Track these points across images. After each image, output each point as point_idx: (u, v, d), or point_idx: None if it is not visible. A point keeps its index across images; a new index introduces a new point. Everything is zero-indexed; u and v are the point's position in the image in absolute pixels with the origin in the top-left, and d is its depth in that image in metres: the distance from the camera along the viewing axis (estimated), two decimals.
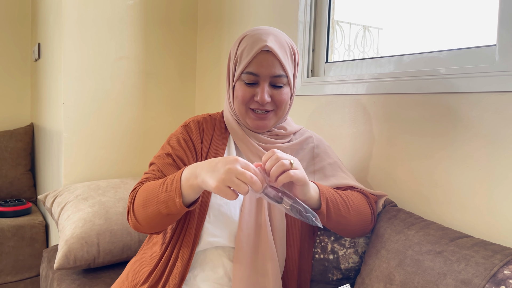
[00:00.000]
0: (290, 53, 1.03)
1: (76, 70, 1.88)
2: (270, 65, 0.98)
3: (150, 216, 0.92)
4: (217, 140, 1.07)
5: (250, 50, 0.99)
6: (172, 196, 0.87)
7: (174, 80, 2.17)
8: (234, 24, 1.92)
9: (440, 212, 1.07)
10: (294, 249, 1.03)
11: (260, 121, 1.03)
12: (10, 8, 2.69)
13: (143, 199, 0.94)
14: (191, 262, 0.98)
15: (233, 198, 0.80)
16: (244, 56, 1.00)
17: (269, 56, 0.98)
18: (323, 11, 1.51)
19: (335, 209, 0.95)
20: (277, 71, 0.99)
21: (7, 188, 2.49)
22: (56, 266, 1.41)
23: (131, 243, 1.54)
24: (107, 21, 1.94)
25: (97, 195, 1.65)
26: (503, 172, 0.94)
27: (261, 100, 0.99)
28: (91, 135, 1.94)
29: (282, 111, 1.05)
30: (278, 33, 1.02)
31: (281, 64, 0.99)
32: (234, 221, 0.99)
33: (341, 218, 0.97)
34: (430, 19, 1.27)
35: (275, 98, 1.01)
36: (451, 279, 0.81)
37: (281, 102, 1.02)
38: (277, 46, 0.99)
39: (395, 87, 1.18)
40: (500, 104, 0.94)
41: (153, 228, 0.97)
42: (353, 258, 1.08)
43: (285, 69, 1.00)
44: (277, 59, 0.99)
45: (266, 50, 0.98)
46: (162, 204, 0.89)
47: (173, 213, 0.90)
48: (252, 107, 1.02)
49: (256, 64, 0.99)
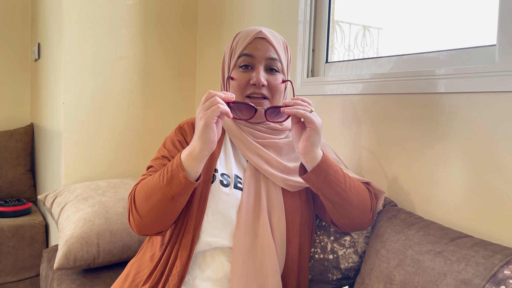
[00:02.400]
0: (283, 44, 1.06)
1: (76, 70, 1.88)
2: (266, 48, 1.02)
3: (154, 206, 0.92)
4: None
5: (245, 38, 1.03)
6: (175, 173, 0.89)
7: (174, 80, 2.16)
8: (234, 24, 1.92)
9: (440, 212, 1.07)
10: (294, 246, 1.02)
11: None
12: (10, 8, 2.69)
13: (144, 192, 0.94)
14: (190, 262, 0.98)
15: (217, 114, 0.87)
16: (239, 45, 1.04)
17: (263, 41, 1.02)
18: (323, 11, 1.51)
19: (335, 174, 0.95)
20: (272, 54, 1.02)
21: (7, 188, 2.49)
22: (56, 266, 1.41)
23: (131, 243, 1.54)
24: (107, 21, 1.94)
25: (97, 195, 1.65)
26: (503, 171, 0.94)
27: (257, 81, 1.00)
28: (91, 135, 1.94)
29: (276, 100, 1.05)
30: (269, 29, 1.07)
31: (275, 49, 1.02)
32: (232, 220, 0.99)
33: (340, 189, 0.96)
34: (430, 19, 1.27)
35: (270, 83, 1.02)
36: (451, 279, 0.81)
37: (275, 88, 1.03)
38: (270, 35, 1.04)
39: (395, 87, 1.18)
40: (500, 104, 0.94)
41: (158, 221, 0.95)
42: (353, 257, 1.08)
43: (279, 55, 1.03)
44: (271, 44, 1.02)
45: (260, 37, 1.02)
46: (166, 187, 0.90)
47: (179, 193, 0.90)
48: (248, 93, 1.02)
49: (251, 48, 1.02)
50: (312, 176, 0.94)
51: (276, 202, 1.02)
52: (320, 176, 0.94)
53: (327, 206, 1.01)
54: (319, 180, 0.94)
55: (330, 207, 1.00)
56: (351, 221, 1.03)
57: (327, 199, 0.98)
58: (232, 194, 1.00)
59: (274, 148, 1.06)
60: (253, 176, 1.04)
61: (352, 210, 1.00)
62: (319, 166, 0.93)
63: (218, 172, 1.02)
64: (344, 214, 1.01)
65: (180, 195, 0.91)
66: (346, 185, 0.97)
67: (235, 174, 1.04)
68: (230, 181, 1.02)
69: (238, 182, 1.03)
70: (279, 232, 1.00)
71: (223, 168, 1.04)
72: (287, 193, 1.05)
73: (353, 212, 1.01)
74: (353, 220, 1.03)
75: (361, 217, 1.03)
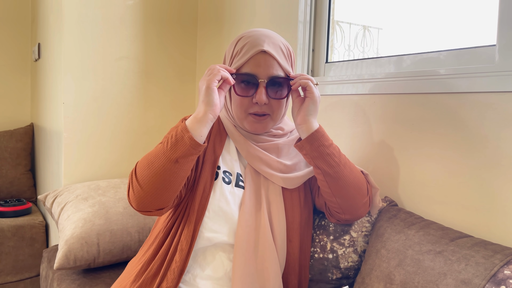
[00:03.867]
0: (286, 53, 1.03)
1: (76, 70, 1.88)
2: (269, 65, 0.99)
3: (157, 171, 0.88)
4: (215, 138, 1.08)
5: (248, 50, 0.99)
6: (180, 136, 0.89)
7: (174, 80, 2.17)
8: (234, 24, 1.92)
9: (440, 212, 1.07)
10: (294, 244, 1.03)
11: (258, 124, 1.03)
12: (10, 8, 2.69)
13: (147, 161, 0.91)
14: (189, 257, 0.98)
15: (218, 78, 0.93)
16: (241, 55, 1.00)
17: (267, 57, 0.99)
18: (323, 11, 1.51)
19: (329, 147, 0.98)
20: (275, 72, 0.99)
21: (7, 188, 2.49)
22: (56, 266, 1.41)
23: (131, 243, 1.54)
24: (107, 21, 1.94)
25: (97, 195, 1.65)
26: (503, 171, 0.94)
27: (259, 101, 0.98)
28: (91, 135, 1.94)
29: (278, 116, 1.05)
30: (273, 34, 1.03)
31: (279, 64, 1.00)
32: (234, 217, 1.00)
33: (333, 161, 0.97)
34: (430, 19, 1.27)
35: (272, 102, 1.01)
36: (451, 279, 0.81)
37: (278, 105, 1.02)
38: (273, 48, 1.00)
39: (395, 87, 1.18)
40: (500, 104, 0.94)
41: (160, 189, 0.90)
42: (353, 257, 1.08)
43: (283, 68, 1.01)
44: (275, 60, 0.99)
45: (263, 51, 0.99)
46: (170, 150, 0.88)
47: (184, 154, 0.88)
48: (251, 111, 1.02)
49: (253, 64, 0.99)
50: (306, 143, 0.97)
51: (275, 200, 1.03)
52: (313, 144, 0.96)
53: (320, 182, 1.00)
54: (312, 148, 0.96)
55: (323, 182, 0.99)
56: (345, 201, 1.00)
57: (320, 171, 0.98)
58: (233, 192, 1.02)
59: (274, 150, 1.07)
60: (253, 176, 1.05)
61: (346, 187, 0.99)
62: (314, 134, 0.96)
63: (221, 169, 1.04)
64: (337, 191, 0.99)
65: (184, 158, 0.88)
66: (340, 160, 0.99)
67: (237, 172, 1.05)
68: (232, 179, 1.04)
69: (240, 180, 1.05)
70: (279, 231, 1.01)
71: (226, 165, 1.06)
72: (286, 191, 1.06)
73: (347, 190, 0.99)
74: (347, 200, 1.00)
75: (355, 198, 1.01)
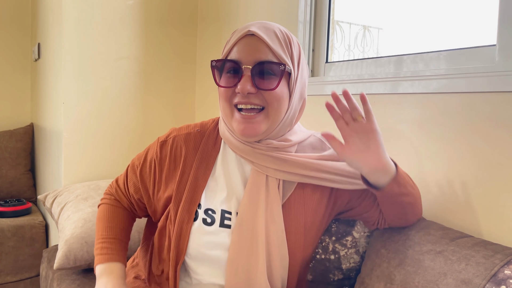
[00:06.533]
0: (283, 39, 0.86)
1: (76, 70, 1.88)
2: (254, 49, 0.82)
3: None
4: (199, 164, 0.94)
5: (233, 37, 0.86)
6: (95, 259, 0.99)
7: (174, 80, 2.17)
8: (234, 24, 1.92)
9: (440, 212, 1.07)
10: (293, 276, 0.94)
11: (247, 124, 0.84)
12: (10, 8, 2.69)
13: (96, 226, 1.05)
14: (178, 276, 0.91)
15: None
16: (228, 45, 0.88)
17: (253, 40, 0.83)
18: (323, 11, 1.51)
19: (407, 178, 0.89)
20: (263, 56, 0.82)
21: (7, 188, 2.49)
22: (56, 266, 1.41)
23: (131, 243, 1.53)
24: (106, 21, 1.94)
25: (97, 195, 1.65)
26: (503, 171, 0.94)
27: (241, 89, 0.81)
28: (91, 136, 1.95)
29: (275, 112, 0.85)
30: (270, 22, 0.89)
31: (270, 48, 0.83)
32: (220, 260, 0.88)
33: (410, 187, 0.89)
34: (430, 19, 1.28)
35: (264, 93, 0.83)
36: (452, 278, 0.81)
37: (270, 95, 0.83)
38: (264, 32, 0.84)
39: (395, 87, 1.18)
40: (500, 104, 0.94)
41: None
42: (354, 258, 1.08)
43: (276, 54, 0.83)
44: (264, 43, 0.83)
45: (249, 34, 0.84)
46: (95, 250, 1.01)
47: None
48: (235, 102, 0.85)
49: (237, 50, 0.84)
50: (394, 184, 0.85)
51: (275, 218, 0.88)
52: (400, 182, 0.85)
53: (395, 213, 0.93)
54: (400, 186, 0.85)
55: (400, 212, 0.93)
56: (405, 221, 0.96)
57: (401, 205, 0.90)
58: (217, 233, 0.88)
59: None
60: (255, 185, 0.89)
61: (411, 213, 0.95)
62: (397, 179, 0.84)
63: (202, 207, 0.90)
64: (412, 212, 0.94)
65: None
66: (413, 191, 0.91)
67: (221, 209, 0.90)
68: (215, 218, 0.89)
69: (226, 218, 0.90)
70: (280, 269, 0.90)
71: (209, 201, 0.91)
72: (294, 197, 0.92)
73: (413, 214, 0.95)
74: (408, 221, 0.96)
75: (416, 216, 0.97)
